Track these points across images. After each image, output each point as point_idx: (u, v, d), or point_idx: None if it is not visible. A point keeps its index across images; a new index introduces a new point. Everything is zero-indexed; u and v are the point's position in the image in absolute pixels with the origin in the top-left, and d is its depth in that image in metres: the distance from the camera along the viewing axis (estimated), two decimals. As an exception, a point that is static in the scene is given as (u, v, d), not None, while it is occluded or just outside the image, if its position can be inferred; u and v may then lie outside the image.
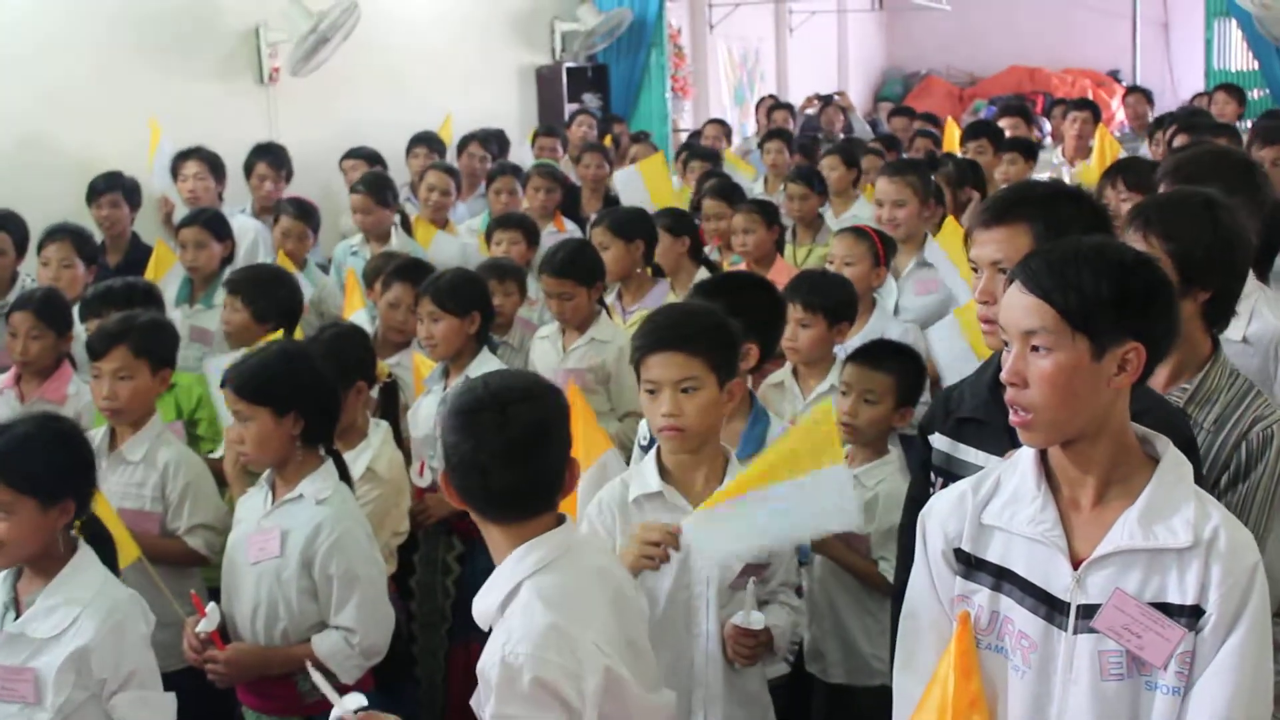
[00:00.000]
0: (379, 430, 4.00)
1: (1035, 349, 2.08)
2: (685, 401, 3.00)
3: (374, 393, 4.28)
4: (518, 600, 2.38)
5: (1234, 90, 10.63)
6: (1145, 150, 7.82)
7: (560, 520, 2.50)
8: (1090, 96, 15.25)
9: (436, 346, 4.46)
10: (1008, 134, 8.79)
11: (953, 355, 3.79)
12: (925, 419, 2.85)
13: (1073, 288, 2.05)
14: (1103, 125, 8.54)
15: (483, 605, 2.44)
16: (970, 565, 2.21)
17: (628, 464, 3.78)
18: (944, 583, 2.25)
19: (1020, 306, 2.10)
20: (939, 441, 2.75)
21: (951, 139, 9.31)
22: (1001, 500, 2.20)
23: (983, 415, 2.62)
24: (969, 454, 2.66)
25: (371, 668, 3.44)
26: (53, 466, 2.99)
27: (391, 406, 4.39)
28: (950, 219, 5.76)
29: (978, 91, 17.74)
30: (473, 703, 2.46)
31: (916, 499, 2.71)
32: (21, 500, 2.92)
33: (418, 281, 4.92)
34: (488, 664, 2.34)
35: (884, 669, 3.57)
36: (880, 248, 4.98)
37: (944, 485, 2.65)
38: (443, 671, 4.47)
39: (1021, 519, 2.16)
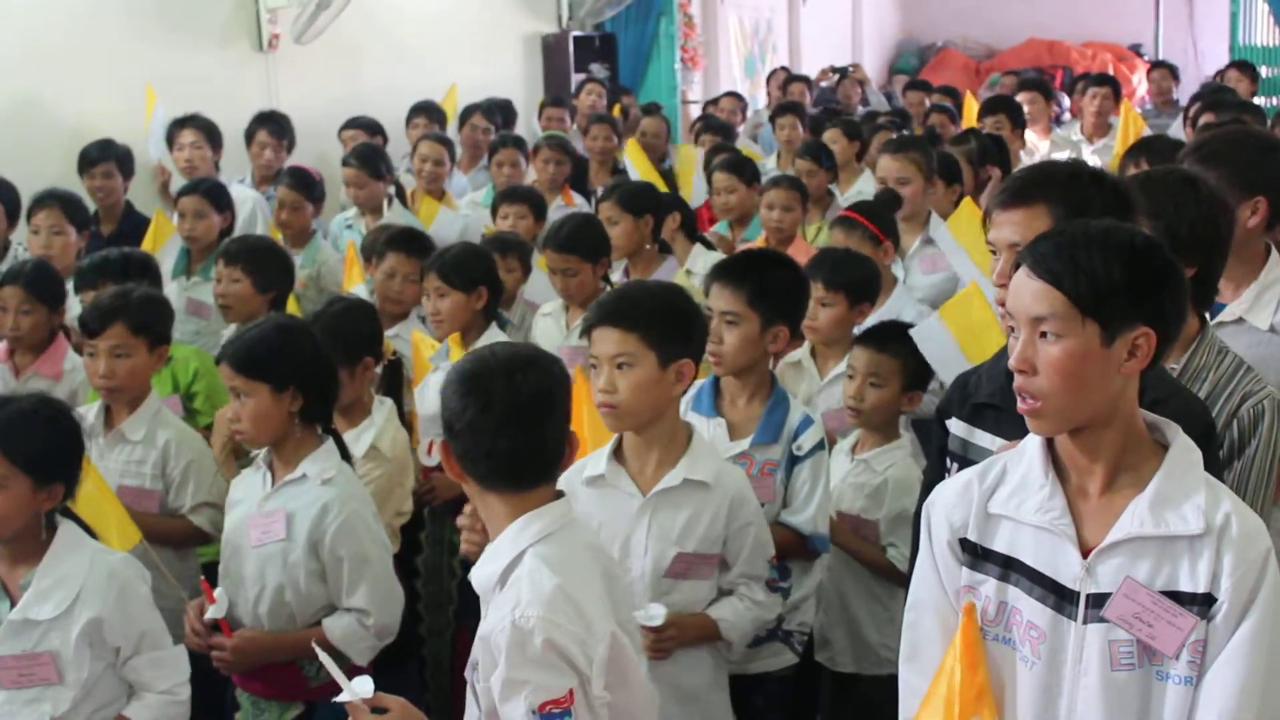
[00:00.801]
0: (383, 408, 4.01)
1: (1044, 335, 2.08)
2: (619, 378, 3.02)
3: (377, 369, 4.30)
4: (522, 567, 2.41)
5: (1246, 67, 10.67)
6: (1178, 128, 7.78)
7: (559, 495, 2.53)
8: (1111, 71, 15.23)
9: (443, 323, 4.48)
10: (1026, 109, 8.79)
11: (941, 354, 3.75)
12: (943, 404, 2.86)
13: (1083, 272, 2.04)
14: (1127, 101, 8.51)
15: (483, 573, 2.47)
16: (976, 555, 2.21)
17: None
18: (949, 573, 2.25)
19: (1028, 292, 2.10)
20: (955, 427, 2.76)
21: (970, 114, 9.29)
22: (1008, 488, 2.20)
23: (999, 401, 2.63)
24: (985, 440, 2.68)
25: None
26: (51, 447, 3.02)
27: (395, 383, 4.39)
28: (968, 200, 5.74)
29: (994, 65, 17.63)
30: (467, 673, 2.48)
31: (932, 485, 2.72)
32: (17, 476, 2.94)
33: (412, 250, 4.97)
34: (494, 629, 2.36)
35: (893, 658, 3.55)
36: (875, 229, 4.99)
37: (960, 471, 2.67)
38: (449, 651, 4.50)
39: (1029, 507, 2.16)
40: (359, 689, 2.46)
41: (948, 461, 2.77)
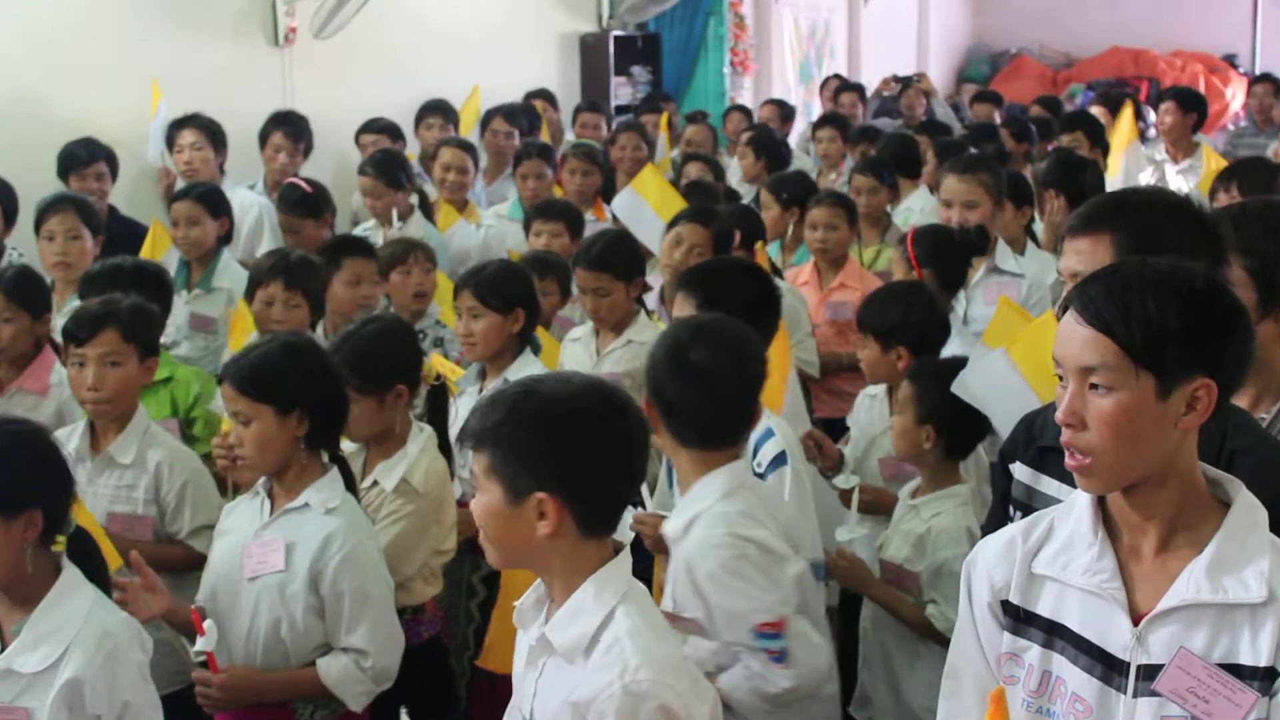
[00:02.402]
0: (419, 437, 3.97)
1: (1094, 386, 2.06)
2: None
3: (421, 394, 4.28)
4: (617, 626, 2.40)
5: None
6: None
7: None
8: (1201, 83, 15.16)
9: (475, 345, 4.51)
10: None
11: (1001, 396, 3.67)
12: (1006, 446, 2.86)
13: (1136, 319, 2.02)
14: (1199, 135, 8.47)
15: (571, 636, 2.42)
16: (1019, 619, 2.21)
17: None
18: (990, 638, 2.25)
19: (1077, 340, 2.08)
20: (1020, 471, 2.75)
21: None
22: (1054, 547, 2.19)
23: (1060, 443, 2.63)
24: (1052, 487, 2.66)
25: (413, 703, 3.46)
26: (10, 473, 2.91)
27: (440, 410, 4.32)
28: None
29: (1074, 74, 17.60)
30: None
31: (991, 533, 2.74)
32: None
33: (366, 253, 5.12)
34: (597, 696, 2.34)
35: None
36: (912, 255, 5.05)
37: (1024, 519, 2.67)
38: (464, 703, 4.50)
39: (1076, 568, 2.15)
40: None
41: (1010, 509, 2.76)
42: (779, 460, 3.55)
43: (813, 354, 5.74)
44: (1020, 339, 3.78)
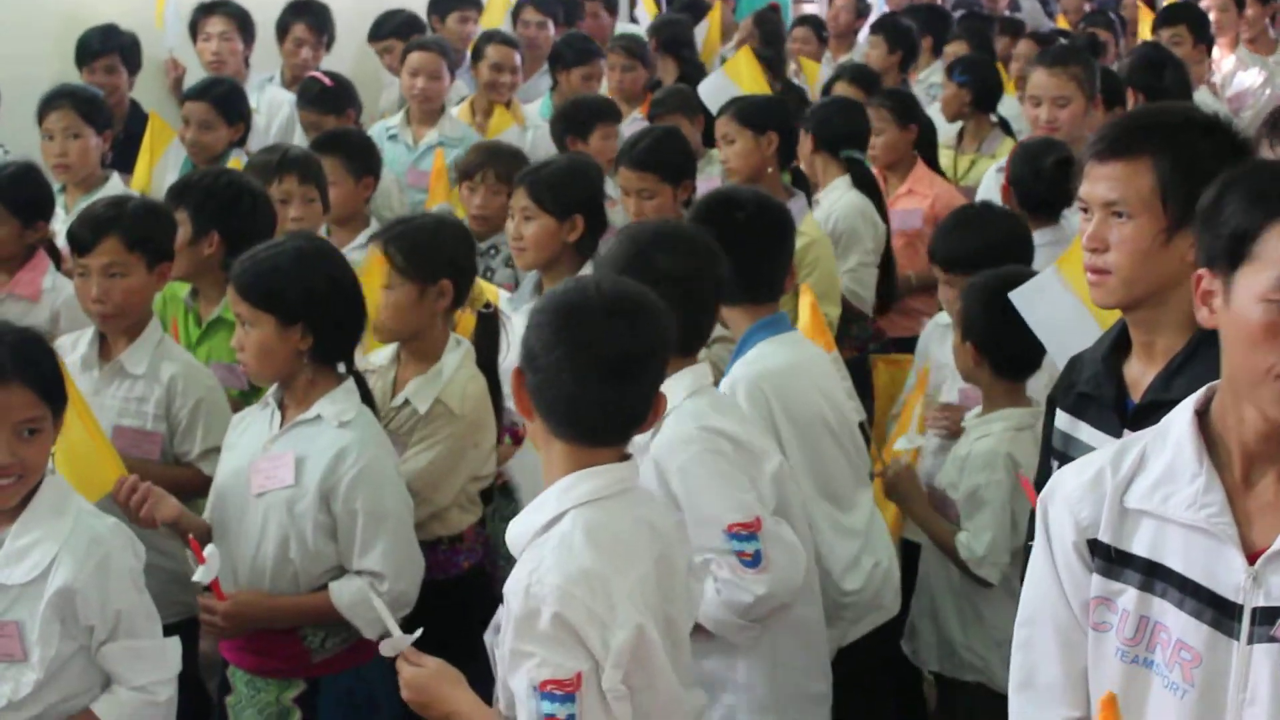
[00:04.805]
0: (456, 352, 3.95)
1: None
2: None
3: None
4: (558, 528, 2.49)
5: None
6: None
7: (626, 457, 2.60)
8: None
9: (525, 251, 4.47)
10: (1213, 19, 8.56)
11: (1057, 318, 3.44)
12: (1055, 388, 2.88)
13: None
14: None
15: (519, 529, 2.56)
16: (1111, 560, 2.14)
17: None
18: (1075, 582, 2.18)
19: None
20: (1060, 419, 2.80)
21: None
22: (1150, 478, 2.12)
23: (1092, 389, 2.66)
24: (1087, 434, 2.69)
25: (458, 637, 3.42)
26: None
27: (490, 338, 4.25)
28: None
29: (1179, -38, 17.25)
30: (487, 637, 2.62)
31: (1041, 478, 2.77)
32: None
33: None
34: (512, 591, 2.46)
35: (978, 664, 3.78)
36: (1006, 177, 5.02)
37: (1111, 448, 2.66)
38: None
39: (1178, 502, 2.08)
40: (400, 644, 2.67)
41: (1052, 461, 2.79)
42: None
43: (867, 286, 5.63)
44: (1074, 253, 3.35)
